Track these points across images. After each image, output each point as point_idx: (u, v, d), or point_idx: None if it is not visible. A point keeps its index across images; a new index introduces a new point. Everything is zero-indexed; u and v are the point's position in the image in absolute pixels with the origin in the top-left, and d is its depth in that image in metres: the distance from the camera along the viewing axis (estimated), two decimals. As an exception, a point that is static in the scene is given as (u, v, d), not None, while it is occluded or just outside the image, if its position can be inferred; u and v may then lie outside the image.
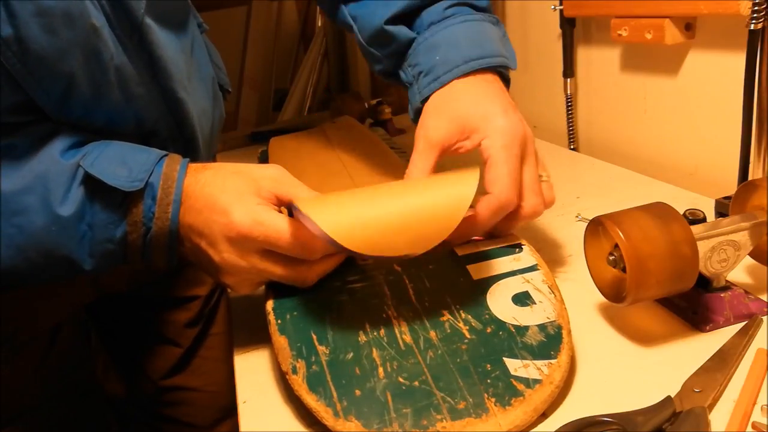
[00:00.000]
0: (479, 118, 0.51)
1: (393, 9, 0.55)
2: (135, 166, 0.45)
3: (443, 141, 0.52)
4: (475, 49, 0.53)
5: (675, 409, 0.37)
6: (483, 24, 0.55)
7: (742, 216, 0.47)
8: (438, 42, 0.54)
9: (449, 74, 0.53)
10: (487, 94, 0.52)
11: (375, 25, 0.56)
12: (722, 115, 0.73)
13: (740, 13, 0.62)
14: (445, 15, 0.55)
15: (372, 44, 0.58)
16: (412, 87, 0.56)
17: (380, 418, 0.37)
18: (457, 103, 0.52)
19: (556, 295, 0.46)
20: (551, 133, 1.04)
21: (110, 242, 0.45)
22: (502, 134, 0.49)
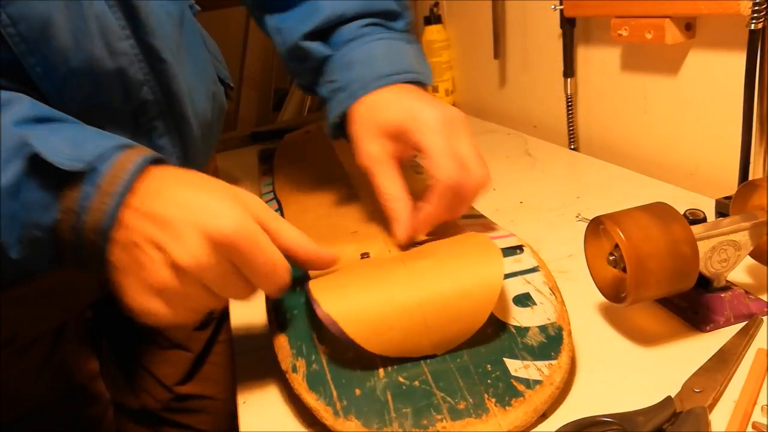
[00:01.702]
0: (405, 120, 0.51)
1: (309, 25, 0.56)
2: (86, 148, 0.39)
3: (388, 155, 0.52)
4: (388, 66, 0.54)
5: (675, 409, 0.37)
6: (398, 42, 0.56)
7: (742, 216, 0.47)
8: (353, 59, 0.55)
9: (363, 90, 0.53)
10: (404, 97, 0.52)
11: (293, 41, 0.57)
12: (722, 115, 0.73)
13: (740, 13, 0.62)
14: (361, 33, 0.56)
15: (290, 59, 0.59)
16: (330, 102, 0.56)
17: (380, 418, 0.37)
18: (380, 114, 0.52)
19: (556, 296, 0.46)
20: (551, 133, 1.04)
21: (38, 228, 0.39)
22: (430, 124, 0.49)
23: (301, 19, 0.57)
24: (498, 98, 1.23)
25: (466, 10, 1.30)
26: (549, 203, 0.74)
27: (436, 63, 1.37)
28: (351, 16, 0.56)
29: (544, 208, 0.72)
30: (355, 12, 0.56)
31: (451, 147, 0.49)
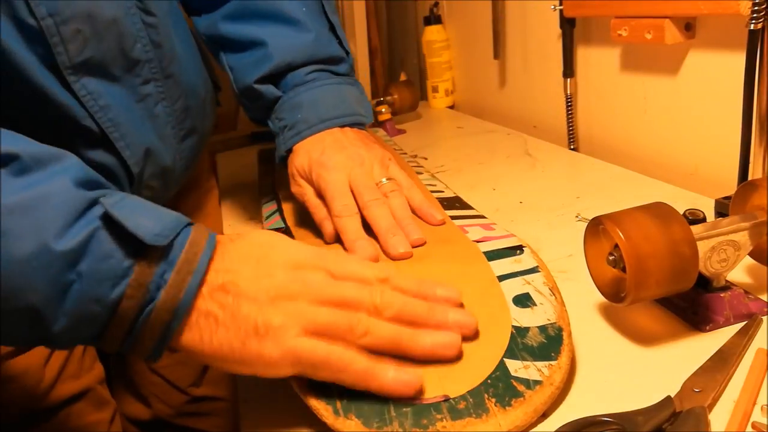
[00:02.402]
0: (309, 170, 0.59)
1: (262, 71, 0.63)
2: (164, 221, 0.38)
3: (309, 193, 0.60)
4: (331, 110, 0.62)
5: (675, 409, 0.37)
6: (341, 87, 0.65)
7: (742, 216, 0.47)
8: (300, 102, 0.63)
9: (308, 131, 0.61)
10: (314, 146, 0.60)
11: (246, 83, 0.65)
12: (722, 115, 0.73)
13: (740, 13, 0.62)
14: (307, 79, 0.64)
15: (243, 96, 0.67)
16: (278, 137, 0.64)
17: (380, 417, 0.37)
18: (294, 165, 0.61)
19: (556, 296, 0.46)
20: (551, 133, 1.04)
21: (98, 303, 0.35)
22: (328, 182, 0.57)
23: (253, 63, 0.64)
24: (498, 98, 1.23)
25: (466, 10, 1.30)
26: (549, 203, 0.74)
27: (436, 63, 1.37)
28: (298, 64, 0.64)
29: (543, 208, 0.72)
30: (302, 61, 0.64)
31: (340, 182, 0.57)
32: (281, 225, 0.65)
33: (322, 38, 0.65)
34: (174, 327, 0.37)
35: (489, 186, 0.82)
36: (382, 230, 0.53)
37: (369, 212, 0.54)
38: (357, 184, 0.56)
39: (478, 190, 0.81)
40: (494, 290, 0.46)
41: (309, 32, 0.64)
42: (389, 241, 0.52)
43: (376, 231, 0.53)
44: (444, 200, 0.67)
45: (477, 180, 0.85)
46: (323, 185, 0.56)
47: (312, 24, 0.64)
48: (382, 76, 1.54)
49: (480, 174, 0.88)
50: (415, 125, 1.25)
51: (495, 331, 0.42)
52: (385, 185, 0.57)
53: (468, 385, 0.38)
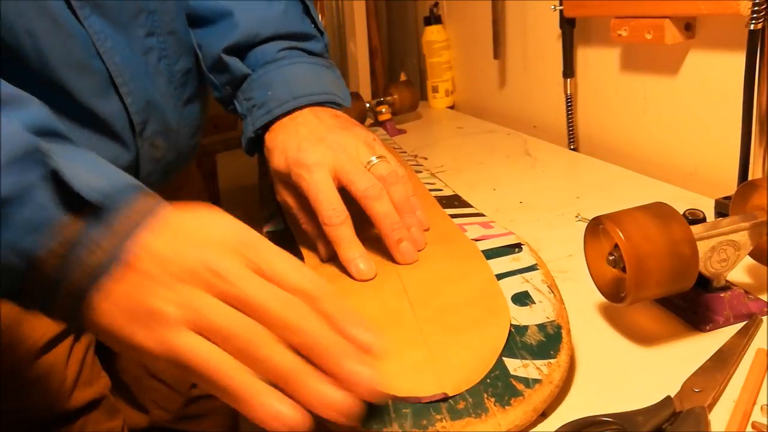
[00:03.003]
0: (290, 155, 0.54)
1: (228, 40, 0.59)
2: (114, 181, 0.35)
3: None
4: (304, 87, 0.57)
5: (675, 409, 0.37)
6: (314, 66, 0.60)
7: (742, 216, 0.47)
8: (270, 80, 0.58)
9: (279, 108, 0.56)
10: (296, 129, 0.55)
11: (214, 53, 0.60)
12: (722, 115, 0.73)
13: (740, 13, 0.62)
14: (278, 56, 0.59)
15: (212, 71, 0.61)
16: (246, 119, 0.60)
17: (380, 418, 0.37)
18: (277, 146, 0.56)
19: (555, 294, 0.46)
20: (551, 133, 1.04)
21: (17, 254, 0.32)
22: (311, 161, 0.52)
23: (219, 34, 0.60)
24: (498, 98, 1.23)
25: (466, 10, 1.30)
26: (549, 203, 0.74)
27: (436, 63, 1.37)
28: (267, 36, 0.59)
29: (543, 208, 0.72)
30: (271, 32, 0.59)
31: (321, 182, 0.51)
32: (281, 226, 0.65)
33: (293, 12, 0.61)
34: (88, 293, 0.33)
35: (489, 186, 0.82)
36: (387, 230, 0.50)
37: (369, 206, 0.50)
38: (345, 172, 0.51)
39: (478, 190, 0.81)
40: (493, 289, 0.46)
41: (279, 2, 0.60)
42: (397, 250, 0.50)
43: (380, 229, 0.51)
44: (443, 198, 0.67)
45: (477, 180, 0.85)
46: (305, 187, 0.51)
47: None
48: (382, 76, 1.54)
49: (480, 174, 0.88)
50: (415, 125, 1.25)
51: (494, 329, 0.42)
52: (376, 165, 0.52)
53: (466, 384, 0.38)
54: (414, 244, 0.51)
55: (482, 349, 0.41)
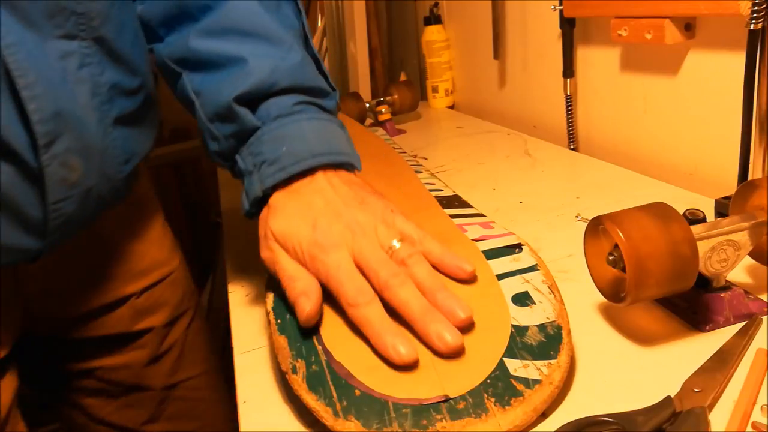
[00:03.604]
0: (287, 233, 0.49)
1: (242, 87, 0.52)
2: None
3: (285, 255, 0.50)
4: (322, 145, 0.52)
5: (675, 409, 0.37)
6: (330, 124, 0.55)
7: (742, 216, 0.47)
8: (285, 135, 0.52)
9: (296, 166, 0.50)
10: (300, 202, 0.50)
11: (221, 101, 0.53)
12: (722, 115, 0.73)
13: (740, 13, 0.62)
14: (294, 110, 0.53)
15: (214, 120, 0.54)
16: (251, 176, 0.53)
17: (380, 418, 0.37)
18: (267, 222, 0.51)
19: (555, 295, 0.46)
20: (551, 133, 1.04)
21: None
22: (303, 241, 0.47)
23: (230, 81, 0.53)
24: (498, 98, 1.23)
25: (466, 10, 1.30)
26: (549, 203, 0.74)
27: (436, 63, 1.37)
28: (283, 87, 0.53)
29: (543, 208, 0.72)
30: (288, 84, 0.53)
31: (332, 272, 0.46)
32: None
33: (309, 65, 0.56)
34: None
35: (489, 186, 0.82)
36: (417, 316, 0.42)
37: (392, 295, 0.44)
38: (366, 260, 0.45)
39: (478, 190, 0.81)
40: (493, 290, 0.46)
41: (296, 54, 0.54)
42: (431, 330, 0.41)
43: (410, 318, 0.43)
44: (443, 199, 0.67)
45: (477, 180, 0.85)
46: (322, 269, 0.45)
47: (299, 47, 0.55)
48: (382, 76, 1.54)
49: (480, 174, 0.88)
50: (415, 125, 1.25)
51: (494, 330, 0.42)
52: (398, 250, 0.47)
53: (468, 385, 0.38)
54: (448, 322, 0.42)
55: (483, 352, 0.41)
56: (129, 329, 0.66)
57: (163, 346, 0.69)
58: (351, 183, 0.52)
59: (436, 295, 0.44)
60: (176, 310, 0.70)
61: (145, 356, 0.68)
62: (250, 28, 0.54)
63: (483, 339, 0.42)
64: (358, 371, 0.40)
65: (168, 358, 0.69)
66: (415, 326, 0.42)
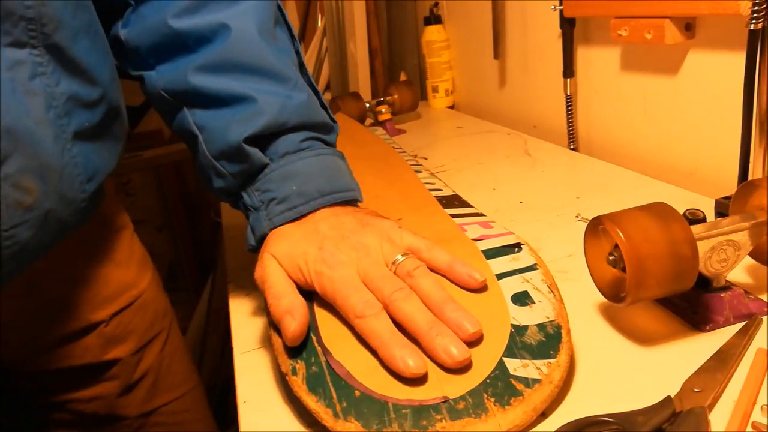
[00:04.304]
0: (292, 259, 0.49)
1: (252, 128, 0.52)
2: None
3: (281, 276, 0.49)
4: (331, 183, 0.53)
5: (675, 409, 0.37)
6: (335, 159, 0.55)
7: (742, 216, 0.47)
8: (294, 172, 0.52)
9: (306, 206, 0.51)
10: (299, 232, 0.50)
11: (230, 141, 0.52)
12: (722, 115, 0.73)
13: (740, 13, 0.62)
14: (301, 147, 0.53)
15: (221, 158, 0.53)
16: (259, 212, 0.53)
17: (380, 419, 0.37)
18: (270, 249, 0.50)
19: (555, 294, 0.46)
20: (551, 133, 1.04)
21: None
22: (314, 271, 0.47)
23: (239, 120, 0.52)
24: (498, 98, 1.23)
25: (466, 10, 1.30)
26: (549, 203, 0.74)
27: (436, 63, 1.37)
28: (293, 126, 0.53)
29: (543, 208, 0.72)
30: (297, 123, 0.53)
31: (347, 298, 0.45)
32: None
33: (314, 102, 0.56)
34: None
35: (489, 186, 0.82)
36: (423, 330, 0.41)
37: (397, 309, 0.43)
38: (371, 278, 0.45)
39: (478, 190, 0.81)
40: (493, 289, 0.46)
41: (302, 92, 0.54)
42: (437, 344, 0.40)
43: (416, 332, 0.42)
44: (443, 198, 0.67)
45: (477, 180, 0.85)
46: (329, 284, 0.45)
47: (303, 84, 0.55)
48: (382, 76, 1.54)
49: (480, 174, 0.88)
50: (415, 125, 1.25)
51: (494, 330, 0.42)
52: (402, 263, 0.46)
53: (467, 386, 0.38)
54: (455, 336, 0.41)
55: (483, 352, 0.41)
56: (98, 359, 0.62)
57: (135, 375, 0.66)
58: (355, 212, 0.52)
59: (443, 308, 0.43)
60: (145, 335, 0.67)
61: (116, 387, 0.64)
62: (253, 64, 0.53)
63: (483, 339, 0.42)
64: (357, 371, 0.40)
65: (142, 386, 0.66)
66: (421, 340, 0.42)
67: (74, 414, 0.63)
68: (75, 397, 0.62)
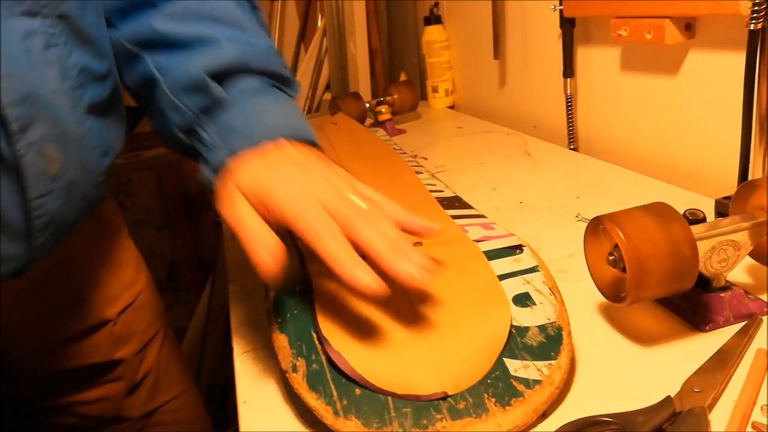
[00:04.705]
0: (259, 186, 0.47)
1: (215, 62, 0.51)
2: None
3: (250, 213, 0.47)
4: (291, 121, 0.52)
5: (675, 409, 0.37)
6: (296, 108, 0.55)
7: (742, 216, 0.47)
8: (255, 110, 0.52)
9: (266, 134, 0.49)
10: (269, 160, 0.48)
11: (192, 73, 0.51)
12: (722, 115, 0.73)
13: (740, 13, 0.62)
14: (263, 90, 0.53)
15: (180, 93, 0.52)
16: (216, 148, 0.51)
17: (380, 417, 0.37)
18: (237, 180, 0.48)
19: (556, 296, 0.46)
20: (551, 133, 1.04)
21: None
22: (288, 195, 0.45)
23: (200, 56, 0.52)
24: (498, 98, 1.23)
25: (466, 10, 1.30)
26: (549, 203, 0.74)
27: (436, 63, 1.37)
28: (254, 69, 0.53)
29: (543, 208, 0.72)
30: (259, 67, 0.53)
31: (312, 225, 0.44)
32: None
33: (276, 54, 0.56)
34: None
35: (489, 186, 0.82)
36: (384, 252, 0.41)
37: (357, 233, 0.42)
38: (330, 204, 0.44)
39: (478, 190, 0.81)
40: (493, 284, 0.46)
41: (265, 41, 0.55)
42: (397, 264, 0.40)
43: (375, 254, 0.41)
44: (444, 200, 0.67)
45: (477, 180, 0.85)
46: (283, 206, 0.44)
47: (267, 36, 0.56)
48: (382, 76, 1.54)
49: (480, 174, 0.88)
50: (415, 125, 1.25)
51: (495, 326, 0.42)
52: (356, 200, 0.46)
53: (467, 382, 0.38)
54: (418, 257, 0.42)
55: (483, 347, 0.41)
56: (106, 358, 0.63)
57: (138, 375, 0.66)
58: (316, 152, 0.50)
59: (400, 245, 0.42)
60: (145, 335, 0.67)
61: (122, 387, 0.65)
62: (218, 14, 0.53)
63: (483, 334, 0.42)
64: (355, 362, 0.40)
65: (145, 386, 0.67)
66: (381, 264, 0.41)
67: (79, 417, 0.64)
68: (81, 398, 0.63)
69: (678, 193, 0.71)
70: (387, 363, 0.40)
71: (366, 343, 0.41)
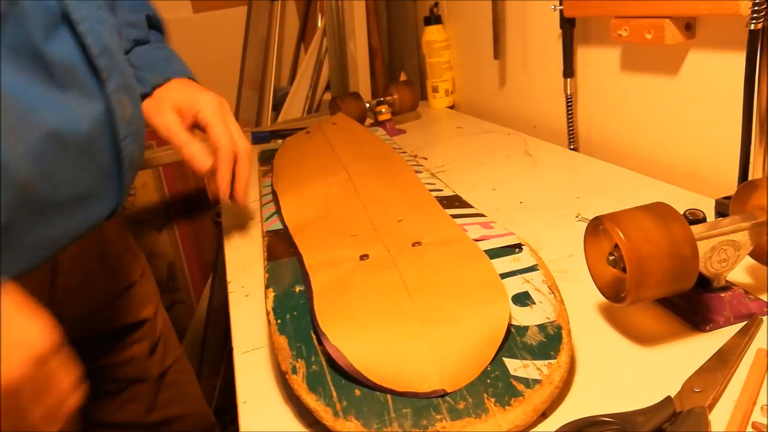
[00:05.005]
0: (188, 100, 0.70)
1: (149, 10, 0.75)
2: None
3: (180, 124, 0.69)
4: (178, 65, 0.74)
5: (675, 409, 0.37)
6: (175, 54, 0.76)
7: (742, 216, 0.47)
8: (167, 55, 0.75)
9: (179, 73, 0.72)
10: (186, 87, 0.71)
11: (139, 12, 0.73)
12: (722, 115, 0.73)
13: (740, 13, 0.62)
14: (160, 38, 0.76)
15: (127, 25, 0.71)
16: (145, 70, 0.70)
17: (380, 418, 0.37)
18: (169, 98, 0.70)
19: (555, 295, 0.46)
20: (551, 133, 1.04)
21: None
22: (209, 104, 0.70)
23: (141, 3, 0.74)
24: (498, 98, 1.23)
25: (466, 10, 1.30)
26: (549, 203, 0.74)
27: (436, 63, 1.37)
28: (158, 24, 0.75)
29: (543, 208, 0.72)
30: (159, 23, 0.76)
31: (227, 126, 0.70)
32: (280, 227, 0.65)
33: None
34: None
35: (489, 186, 0.82)
36: (221, 154, 0.69)
37: (212, 132, 0.70)
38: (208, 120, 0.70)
39: (478, 190, 0.81)
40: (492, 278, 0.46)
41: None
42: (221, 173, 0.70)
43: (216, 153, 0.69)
44: (443, 199, 0.67)
45: (477, 180, 0.85)
46: (199, 113, 0.69)
47: None
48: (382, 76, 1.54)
49: (480, 174, 0.88)
50: (415, 125, 1.25)
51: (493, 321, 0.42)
52: None
53: (466, 377, 0.38)
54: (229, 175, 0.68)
55: (481, 341, 0.41)
56: (135, 319, 0.70)
57: (156, 335, 0.73)
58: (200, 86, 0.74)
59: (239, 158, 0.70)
60: (155, 297, 0.76)
61: (146, 347, 0.72)
62: None
63: (481, 330, 0.42)
64: (354, 358, 0.40)
65: (160, 346, 0.74)
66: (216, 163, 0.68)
67: (109, 381, 0.70)
68: (113, 361, 0.69)
69: (678, 193, 0.71)
70: (385, 358, 0.40)
71: (364, 338, 0.41)
